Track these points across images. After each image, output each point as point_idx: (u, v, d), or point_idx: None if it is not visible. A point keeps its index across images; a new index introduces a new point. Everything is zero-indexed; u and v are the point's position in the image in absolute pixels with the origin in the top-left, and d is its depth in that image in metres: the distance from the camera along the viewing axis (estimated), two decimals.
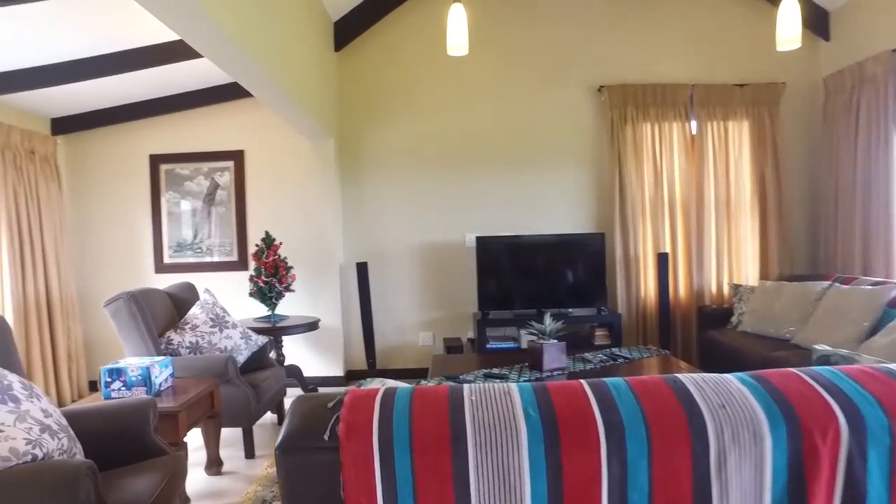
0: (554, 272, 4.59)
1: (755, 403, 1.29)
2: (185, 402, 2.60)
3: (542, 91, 4.83)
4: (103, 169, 4.76)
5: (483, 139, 4.85)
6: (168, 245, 4.73)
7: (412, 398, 1.36)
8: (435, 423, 1.28)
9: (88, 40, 3.50)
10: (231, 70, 3.09)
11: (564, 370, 3.27)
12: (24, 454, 1.74)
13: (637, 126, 4.71)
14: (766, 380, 1.38)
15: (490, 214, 4.85)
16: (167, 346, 3.29)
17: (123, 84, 4.13)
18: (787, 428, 1.24)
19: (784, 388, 1.34)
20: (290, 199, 4.74)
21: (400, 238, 4.88)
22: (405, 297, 4.89)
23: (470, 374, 3.23)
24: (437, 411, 1.30)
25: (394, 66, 4.85)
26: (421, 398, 1.36)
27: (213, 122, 4.73)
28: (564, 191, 4.86)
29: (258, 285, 4.12)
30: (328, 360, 4.72)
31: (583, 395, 1.33)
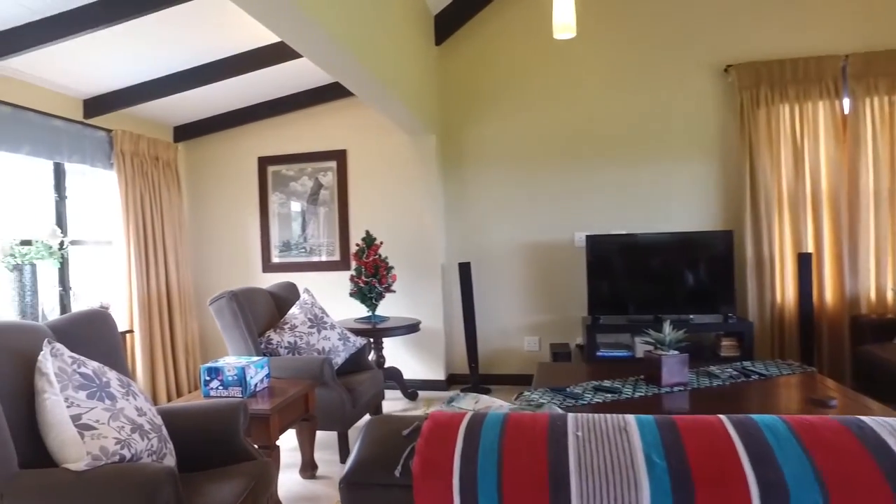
0: (673, 274, 4.12)
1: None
2: (277, 404, 2.55)
3: (659, 75, 4.37)
4: (217, 172, 4.98)
5: (593, 130, 4.48)
6: (274, 245, 4.84)
7: (503, 429, 1.11)
8: (530, 463, 1.03)
9: (198, 49, 3.62)
10: (331, 69, 3.07)
11: (686, 386, 2.86)
12: (113, 454, 1.72)
13: (772, 108, 4.11)
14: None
15: (601, 211, 4.47)
16: (266, 345, 3.30)
17: (233, 90, 4.27)
18: None
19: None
20: (391, 197, 4.67)
21: (504, 237, 4.64)
22: (509, 300, 4.64)
23: (578, 386, 2.92)
24: (533, 449, 1.05)
25: (496, 57, 4.62)
26: (515, 430, 1.11)
27: (316, 123, 4.78)
28: (685, 184, 4.36)
29: (358, 285, 4.07)
30: (429, 362, 4.58)
31: (724, 437, 1.02)
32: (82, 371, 1.88)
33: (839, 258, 4.04)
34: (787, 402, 2.63)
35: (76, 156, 3.85)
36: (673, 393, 2.80)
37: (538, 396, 2.75)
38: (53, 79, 3.65)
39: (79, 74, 3.65)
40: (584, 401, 2.69)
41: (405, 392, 4.21)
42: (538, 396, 2.75)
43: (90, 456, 1.68)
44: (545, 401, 2.68)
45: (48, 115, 3.66)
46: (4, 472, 1.64)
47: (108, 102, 3.99)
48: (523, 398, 2.80)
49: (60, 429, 1.73)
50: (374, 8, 3.22)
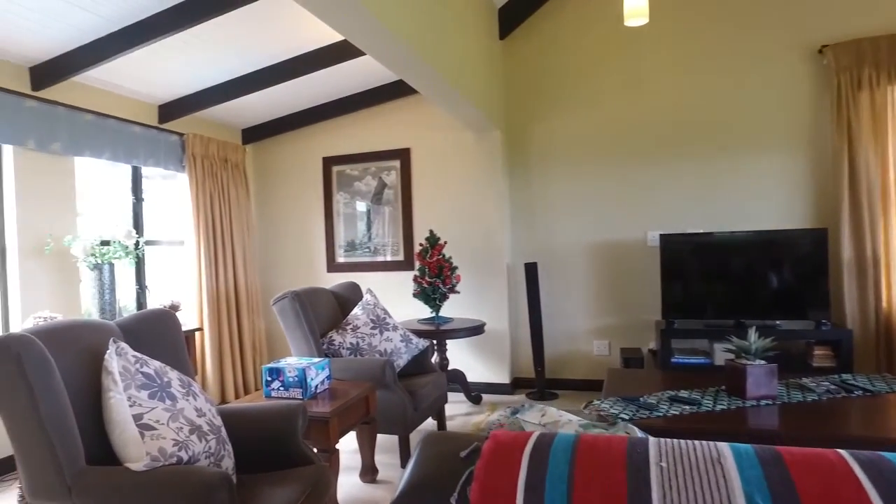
0: (757, 276, 3.79)
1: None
2: (337, 407, 2.50)
3: (742, 59, 4.04)
4: (283, 173, 5.06)
5: (667, 122, 4.20)
6: (339, 244, 4.86)
7: (574, 454, 0.98)
8: (605, 497, 0.89)
9: (264, 51, 3.65)
10: (394, 66, 3.04)
11: (774, 400, 2.59)
12: (171, 455, 1.71)
13: (878, 91, 3.70)
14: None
15: (676, 209, 4.19)
16: (329, 345, 3.29)
17: (298, 91, 4.32)
18: None
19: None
20: (455, 196, 4.58)
21: (572, 236, 4.44)
22: (577, 301, 4.44)
23: (652, 396, 2.71)
24: (609, 480, 0.91)
25: (562, 49, 4.43)
26: (588, 455, 0.98)
27: (380, 122, 4.75)
28: (770, 179, 4.01)
29: (422, 286, 4.00)
30: (493, 365, 4.46)
31: (850, 480, 0.84)
32: (144, 370, 1.89)
33: None
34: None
35: (151, 159, 4.00)
36: (759, 407, 2.54)
37: (609, 406, 2.56)
38: (131, 86, 3.79)
39: (153, 81, 3.78)
40: (660, 412, 2.48)
41: (469, 395, 4.11)
42: (609, 406, 2.56)
43: (149, 457, 1.68)
44: (616, 411, 2.50)
45: (126, 122, 3.81)
46: (73, 468, 1.67)
47: (180, 107, 4.12)
48: (593, 407, 2.63)
49: (123, 427, 1.73)
50: (436, 3, 3.15)
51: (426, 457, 1.08)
